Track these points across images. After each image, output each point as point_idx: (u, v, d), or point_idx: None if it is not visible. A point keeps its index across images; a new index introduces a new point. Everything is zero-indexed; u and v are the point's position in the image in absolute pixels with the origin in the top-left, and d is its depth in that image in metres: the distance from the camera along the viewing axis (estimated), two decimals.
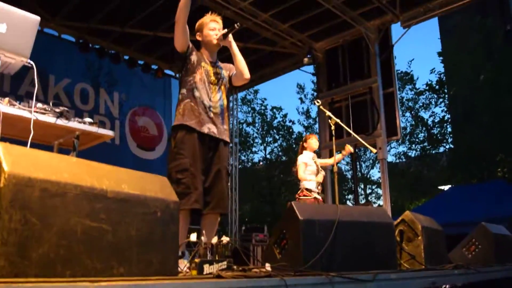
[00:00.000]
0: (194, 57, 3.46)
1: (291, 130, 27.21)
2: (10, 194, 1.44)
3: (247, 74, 3.54)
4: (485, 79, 20.12)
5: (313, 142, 6.34)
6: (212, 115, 3.39)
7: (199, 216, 3.39)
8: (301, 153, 6.34)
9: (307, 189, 6.05)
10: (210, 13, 3.65)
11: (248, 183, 23.66)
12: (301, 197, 6.04)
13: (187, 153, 3.24)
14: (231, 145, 11.75)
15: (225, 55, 3.74)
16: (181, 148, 3.27)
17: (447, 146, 23.04)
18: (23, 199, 1.47)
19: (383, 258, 3.07)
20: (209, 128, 3.35)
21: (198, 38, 3.62)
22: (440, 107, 23.23)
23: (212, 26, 3.54)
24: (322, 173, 6.21)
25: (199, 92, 3.39)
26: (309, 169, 6.12)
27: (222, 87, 3.55)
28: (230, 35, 3.43)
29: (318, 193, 6.05)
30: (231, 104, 12.30)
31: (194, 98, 3.38)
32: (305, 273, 2.33)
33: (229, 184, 3.60)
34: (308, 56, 10.43)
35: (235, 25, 3.36)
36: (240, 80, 3.59)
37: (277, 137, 27.30)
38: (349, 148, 6.17)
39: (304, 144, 6.38)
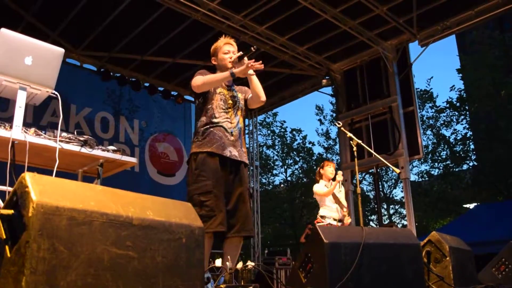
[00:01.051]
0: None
1: (311, 151, 27.13)
2: (38, 223, 1.46)
3: (263, 97, 3.47)
4: (506, 95, 19.86)
5: (329, 170, 6.29)
6: (232, 138, 3.39)
7: (221, 240, 3.35)
8: (317, 181, 6.32)
9: (321, 216, 6.12)
10: (224, 36, 3.64)
11: (269, 205, 23.56)
12: (317, 224, 6.07)
13: (209, 175, 3.22)
14: (251, 167, 11.75)
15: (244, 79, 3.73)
16: (202, 170, 3.25)
17: (471, 164, 22.66)
18: (51, 228, 1.49)
19: (410, 280, 3.01)
20: (230, 151, 3.35)
21: (214, 62, 3.61)
22: (462, 124, 22.94)
23: (226, 50, 3.52)
24: (343, 204, 6.21)
25: (219, 117, 3.39)
26: (324, 198, 6.15)
27: (239, 110, 3.54)
28: (246, 58, 3.36)
29: (335, 219, 6.04)
30: (250, 127, 12.35)
31: (214, 124, 3.38)
32: None
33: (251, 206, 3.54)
34: (326, 77, 10.45)
35: (252, 48, 3.32)
36: (256, 103, 3.55)
37: (297, 159, 27.23)
38: (339, 177, 6.13)
39: (321, 171, 6.35)
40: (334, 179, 6.14)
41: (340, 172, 6.14)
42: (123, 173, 4.55)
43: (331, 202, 6.13)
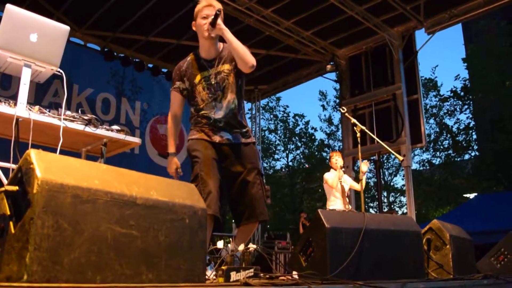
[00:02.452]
0: (187, 83, 3.27)
1: (313, 137, 27.15)
2: (43, 200, 1.46)
3: (249, 61, 3.02)
4: (511, 85, 19.77)
5: (334, 161, 6.42)
6: (222, 124, 3.19)
7: (220, 224, 3.29)
8: (329, 170, 6.53)
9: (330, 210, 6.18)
10: None
11: (270, 190, 23.61)
12: None
13: (198, 158, 3.12)
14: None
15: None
16: (192, 155, 3.17)
17: (473, 154, 22.65)
18: (55, 205, 1.49)
19: (410, 267, 3.02)
20: (221, 136, 3.18)
21: (193, 28, 3.24)
22: (465, 113, 22.89)
23: (205, 13, 3.10)
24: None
25: (205, 108, 3.22)
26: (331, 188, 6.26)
27: (228, 89, 3.18)
28: (220, 21, 3.01)
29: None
30: (253, 111, 12.31)
31: (199, 116, 3.24)
32: (332, 281, 2.31)
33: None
34: (331, 63, 10.40)
35: (216, 11, 3.00)
36: (245, 69, 3.09)
37: (299, 144, 27.25)
38: (365, 167, 6.19)
39: (330, 164, 6.54)
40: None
41: (365, 162, 6.23)
42: (123, 155, 4.56)
43: (338, 193, 6.22)
